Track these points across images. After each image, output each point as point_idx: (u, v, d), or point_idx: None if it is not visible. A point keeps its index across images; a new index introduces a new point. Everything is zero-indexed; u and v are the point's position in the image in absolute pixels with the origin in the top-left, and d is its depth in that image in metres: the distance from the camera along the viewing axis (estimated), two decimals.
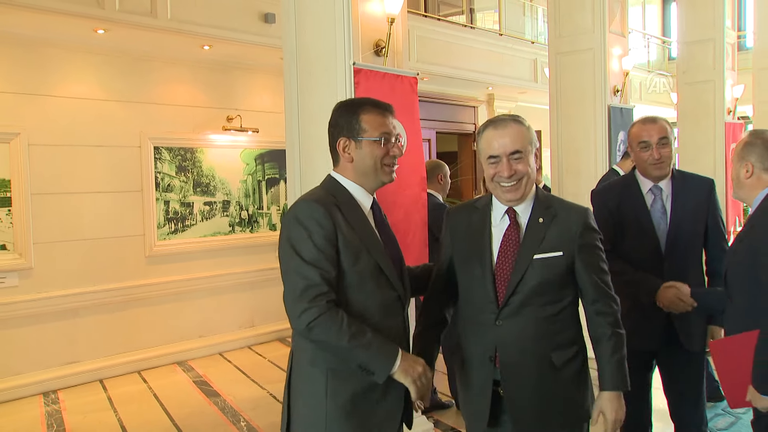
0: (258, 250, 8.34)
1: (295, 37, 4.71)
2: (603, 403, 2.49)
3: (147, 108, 7.37)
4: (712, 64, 9.42)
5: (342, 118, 2.45)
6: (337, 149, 2.45)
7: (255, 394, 6.35)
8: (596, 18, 7.27)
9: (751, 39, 12.36)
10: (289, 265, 2.29)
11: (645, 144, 3.45)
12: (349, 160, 2.43)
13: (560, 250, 2.49)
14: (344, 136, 2.43)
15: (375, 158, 2.43)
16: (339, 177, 2.46)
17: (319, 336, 2.22)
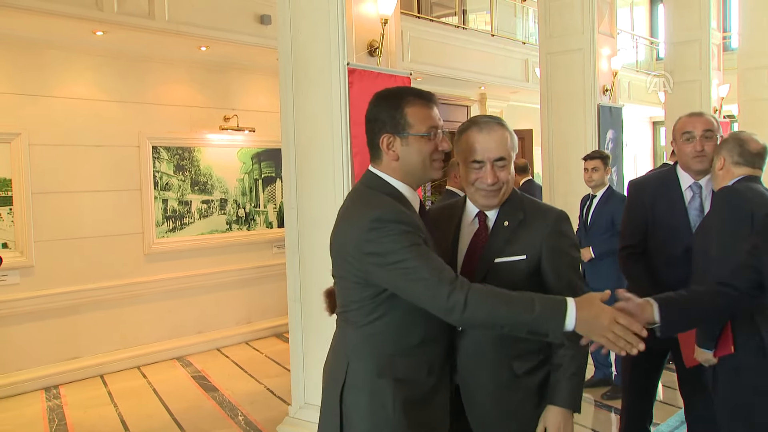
0: (255, 248, 8.34)
1: (290, 38, 4.72)
2: (550, 418, 2.28)
3: (145, 108, 7.37)
4: (698, 64, 9.47)
5: (384, 112, 2.17)
6: (380, 146, 2.17)
7: (252, 388, 6.35)
8: (585, 19, 7.29)
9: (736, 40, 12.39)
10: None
11: (689, 135, 3.29)
12: (395, 158, 2.16)
13: (524, 253, 2.32)
14: (388, 132, 2.15)
15: (423, 155, 2.17)
16: (383, 175, 2.20)
17: (477, 314, 1.95)
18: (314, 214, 4.65)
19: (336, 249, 2.19)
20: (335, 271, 2.23)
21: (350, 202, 2.24)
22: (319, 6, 4.54)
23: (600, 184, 5.66)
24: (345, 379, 2.15)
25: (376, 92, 2.26)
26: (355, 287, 2.12)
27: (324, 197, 4.57)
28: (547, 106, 7.53)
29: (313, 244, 4.66)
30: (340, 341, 2.24)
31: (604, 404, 5.54)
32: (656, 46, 17.10)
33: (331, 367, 2.26)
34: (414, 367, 2.14)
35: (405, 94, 2.21)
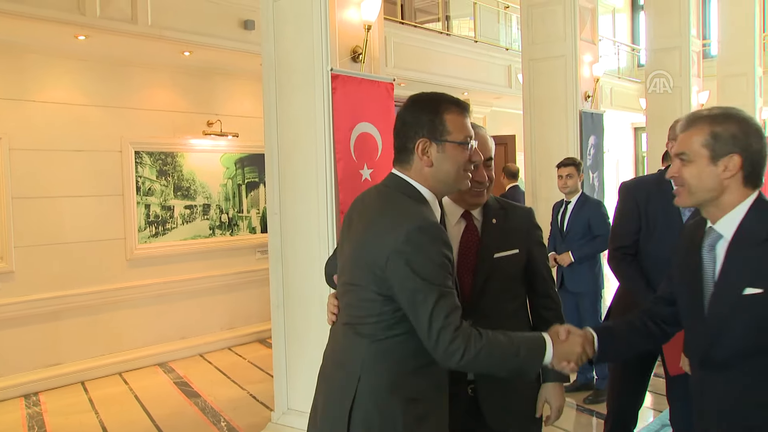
0: (238, 253, 8.31)
1: (273, 44, 4.73)
2: (548, 393, 2.47)
3: (128, 113, 7.31)
4: (678, 71, 9.57)
5: (422, 115, 2.10)
6: (415, 151, 2.09)
7: (235, 394, 6.31)
8: (567, 26, 7.35)
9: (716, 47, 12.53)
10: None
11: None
12: (428, 164, 2.09)
13: (516, 247, 2.50)
14: (425, 137, 2.08)
15: (458, 164, 2.11)
16: (411, 180, 2.12)
17: (472, 363, 1.97)
18: (298, 220, 4.64)
19: (361, 257, 2.06)
20: (352, 278, 2.10)
21: (378, 207, 2.13)
22: (303, 12, 4.54)
23: (574, 190, 5.74)
24: (355, 395, 2.04)
25: (411, 96, 2.18)
26: (376, 299, 2.02)
27: (307, 203, 4.57)
28: (530, 111, 7.58)
29: (296, 249, 4.65)
30: (349, 354, 2.10)
31: (585, 408, 5.55)
32: (637, 53, 17.23)
33: (337, 381, 2.13)
34: (425, 386, 2.09)
35: (443, 100, 2.15)
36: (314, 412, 2.25)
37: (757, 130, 1.98)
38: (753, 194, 2.00)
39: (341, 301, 2.20)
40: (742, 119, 1.99)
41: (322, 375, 2.26)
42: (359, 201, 2.25)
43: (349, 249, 2.14)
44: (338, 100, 4.42)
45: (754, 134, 1.97)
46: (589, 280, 5.73)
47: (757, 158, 1.98)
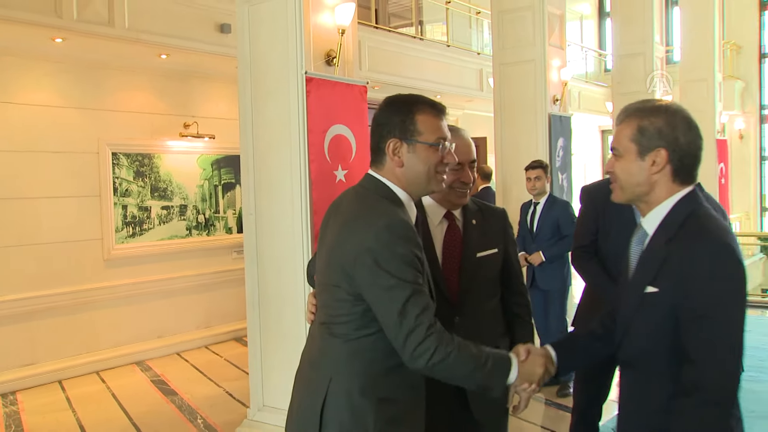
0: (214, 253, 8.26)
1: (249, 47, 4.71)
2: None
3: (105, 115, 7.25)
4: (643, 76, 9.68)
5: (394, 116, 2.09)
6: (386, 151, 2.08)
7: (212, 392, 6.27)
8: (537, 31, 7.39)
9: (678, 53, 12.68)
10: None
11: None
12: (399, 165, 2.08)
13: (495, 247, 2.56)
14: (396, 137, 2.07)
15: (429, 165, 2.09)
16: (384, 180, 2.10)
17: (439, 367, 1.92)
18: (273, 220, 4.63)
19: (334, 256, 2.03)
20: (327, 278, 2.07)
21: (352, 206, 2.10)
22: (278, 16, 4.54)
23: (542, 191, 5.81)
24: (326, 395, 2.02)
25: (387, 96, 2.16)
26: (347, 299, 1.99)
27: (282, 203, 4.56)
28: (501, 114, 7.62)
29: (271, 249, 4.64)
30: (322, 354, 2.09)
31: (554, 402, 5.59)
32: (604, 58, 17.37)
33: (309, 380, 2.13)
34: (397, 386, 2.05)
35: (417, 101, 2.13)
36: (290, 412, 2.22)
37: (686, 124, 1.91)
38: (682, 191, 1.93)
39: (318, 301, 2.18)
40: (670, 112, 1.92)
41: (298, 374, 2.24)
42: (337, 202, 2.22)
43: (325, 249, 2.12)
44: (312, 102, 4.41)
45: (682, 128, 1.90)
46: (559, 278, 5.82)
47: (686, 153, 1.91)
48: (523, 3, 7.48)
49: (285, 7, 4.48)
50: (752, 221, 15.98)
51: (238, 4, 4.77)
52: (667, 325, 1.85)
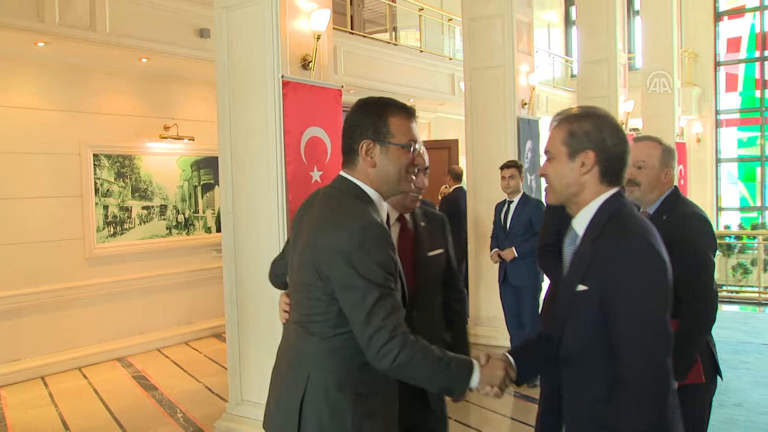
0: (194, 252, 8.22)
1: (227, 51, 4.69)
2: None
3: (87, 117, 7.18)
4: (607, 82, 9.80)
5: (367, 118, 2.08)
6: (359, 152, 2.07)
7: (191, 387, 6.23)
8: (506, 38, 7.43)
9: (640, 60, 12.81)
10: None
11: None
12: (372, 165, 2.07)
13: (441, 247, 2.68)
14: (369, 139, 2.06)
15: (400, 166, 2.09)
16: (356, 181, 2.09)
17: (403, 369, 1.92)
18: (250, 220, 4.60)
19: (308, 257, 2.00)
20: (302, 278, 2.05)
21: (324, 207, 2.08)
22: (255, 21, 4.52)
23: (516, 190, 5.85)
24: (305, 391, 2.01)
25: (360, 99, 2.15)
26: (322, 298, 1.97)
27: (259, 203, 4.53)
28: (471, 117, 7.65)
29: (248, 248, 4.61)
30: (299, 352, 2.07)
31: (521, 394, 5.63)
32: (570, 65, 17.50)
33: (287, 377, 2.10)
34: (372, 381, 2.03)
35: (389, 104, 2.12)
36: (267, 408, 2.21)
37: (612, 128, 1.95)
38: (609, 191, 1.95)
39: (292, 300, 2.16)
40: (597, 117, 1.96)
41: (275, 372, 2.22)
42: (309, 202, 2.21)
43: (298, 249, 2.10)
44: (289, 105, 4.40)
45: (609, 131, 1.93)
46: (530, 274, 5.84)
47: (613, 154, 1.94)
48: (492, 11, 7.51)
49: (262, 12, 4.46)
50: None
51: (217, 9, 4.74)
52: (597, 322, 1.87)
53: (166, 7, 6.75)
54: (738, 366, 6.24)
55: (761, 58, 16.28)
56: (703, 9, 16.50)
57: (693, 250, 2.68)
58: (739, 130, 16.75)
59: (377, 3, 11.13)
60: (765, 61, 16.24)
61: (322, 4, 4.78)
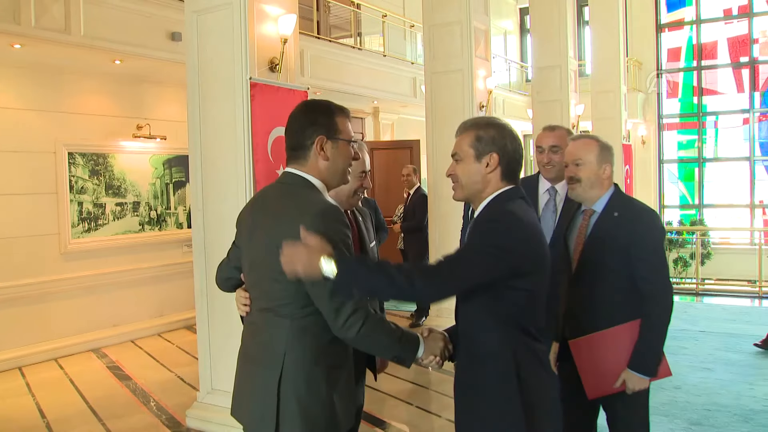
0: (166, 247, 8.12)
1: (197, 54, 4.63)
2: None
3: (62, 117, 7.06)
4: (559, 87, 9.86)
5: (321, 117, 2.17)
6: (314, 147, 2.14)
7: (164, 377, 6.14)
8: (464, 44, 7.45)
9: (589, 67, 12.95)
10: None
11: (539, 149, 3.44)
12: (325, 158, 2.15)
13: (374, 240, 3.01)
14: (322, 135, 2.14)
15: (347, 158, 2.21)
16: (306, 175, 2.16)
17: (364, 339, 2.03)
18: (219, 216, 4.54)
19: (275, 246, 1.98)
20: (268, 267, 2.07)
21: (283, 200, 2.13)
22: (224, 25, 4.47)
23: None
24: (282, 371, 2.05)
25: (304, 101, 2.27)
26: (292, 283, 1.99)
27: (227, 200, 4.48)
28: (432, 119, 7.66)
29: (218, 243, 4.53)
30: (272, 335, 2.09)
31: None
32: (525, 70, 17.61)
33: (261, 363, 2.11)
34: (340, 354, 2.12)
35: (333, 106, 2.23)
36: (238, 398, 2.21)
37: (511, 134, 2.16)
38: (506, 187, 2.15)
39: (255, 291, 2.19)
40: (500, 125, 2.17)
41: (242, 363, 2.22)
42: (259, 200, 2.26)
43: (258, 243, 2.13)
44: (256, 106, 4.34)
45: (509, 137, 2.15)
46: None
47: (512, 157, 2.15)
48: (452, 18, 7.52)
49: (231, 16, 4.41)
50: None
51: (187, 13, 4.67)
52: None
53: (138, 11, 6.63)
54: (677, 352, 6.34)
55: (698, 68, 16.57)
56: (646, 21, 16.76)
57: (652, 248, 2.67)
58: (679, 134, 17.03)
59: (342, 9, 11.06)
60: (701, 70, 16.53)
61: (289, 9, 4.73)
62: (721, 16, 16.35)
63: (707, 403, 4.93)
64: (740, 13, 16.08)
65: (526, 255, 2.00)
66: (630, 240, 2.65)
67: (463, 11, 7.44)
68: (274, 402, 2.04)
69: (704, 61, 16.50)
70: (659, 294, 2.65)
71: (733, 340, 6.66)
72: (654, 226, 2.72)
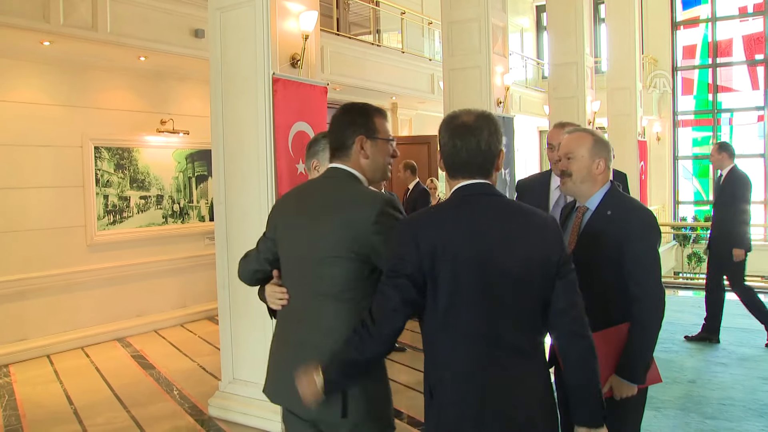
0: (188, 239, 8.15)
1: (220, 50, 4.62)
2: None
3: (88, 112, 7.09)
4: (575, 83, 9.76)
5: (360, 118, 2.24)
6: (354, 146, 2.22)
7: (186, 366, 6.16)
8: (482, 41, 7.38)
9: (605, 64, 12.83)
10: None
11: (550, 146, 3.41)
12: (365, 157, 2.23)
13: None
14: (362, 135, 2.22)
15: (385, 156, 2.27)
16: (350, 169, 2.24)
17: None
18: (241, 209, 4.54)
19: (338, 234, 2.09)
20: (328, 254, 2.11)
21: (336, 192, 2.19)
22: (247, 22, 4.45)
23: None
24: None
25: (345, 105, 2.29)
26: (358, 268, 2.10)
27: (249, 194, 4.47)
28: None
29: (239, 236, 4.54)
30: (334, 321, 2.11)
31: None
32: (542, 67, 17.50)
33: (324, 345, 2.08)
34: None
35: (371, 108, 2.29)
36: (287, 378, 2.12)
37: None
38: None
39: (305, 279, 2.19)
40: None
41: (294, 346, 2.20)
42: (305, 192, 2.30)
43: (318, 230, 2.15)
44: (278, 101, 4.33)
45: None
46: None
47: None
48: (470, 15, 7.45)
49: (253, 13, 4.39)
50: (667, 212, 16.28)
51: (211, 11, 4.66)
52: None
53: (163, 9, 6.65)
54: (691, 346, 6.27)
55: (713, 65, 16.37)
56: (662, 18, 16.57)
57: (644, 249, 2.49)
58: (694, 130, 16.84)
59: (362, 6, 11.02)
60: (717, 68, 16.33)
61: (310, 6, 4.70)
62: (737, 13, 16.14)
63: (722, 398, 4.87)
64: (755, 10, 15.88)
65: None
66: (622, 239, 2.48)
67: (481, 8, 7.37)
68: (341, 392, 2.06)
69: (719, 58, 16.29)
70: (649, 298, 2.47)
71: (747, 335, 6.57)
72: (648, 226, 2.54)
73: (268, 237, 2.36)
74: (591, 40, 10.93)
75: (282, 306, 2.27)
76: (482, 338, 1.85)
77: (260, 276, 2.40)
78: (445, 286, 1.85)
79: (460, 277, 1.84)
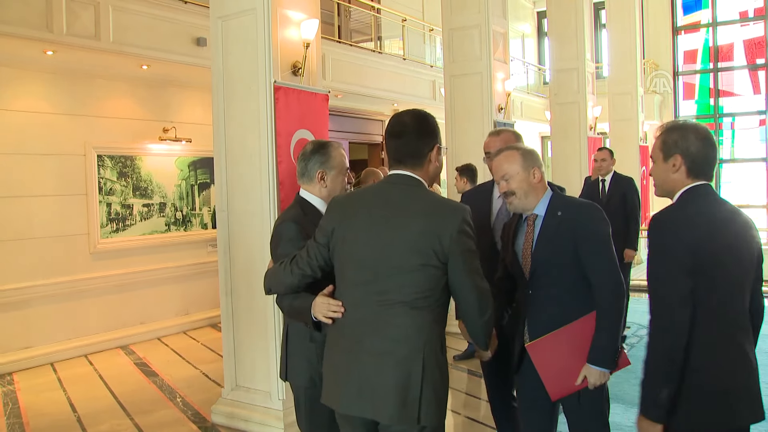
0: (191, 247, 8.15)
1: (222, 59, 4.63)
2: None
3: (91, 120, 7.11)
4: (576, 89, 9.79)
5: (436, 128, 2.34)
6: (430, 154, 2.30)
7: (189, 373, 6.16)
8: (483, 47, 7.40)
9: (606, 69, 12.85)
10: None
11: (487, 153, 3.35)
12: (436, 163, 2.34)
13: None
14: (438, 144, 2.33)
15: (441, 162, 2.40)
16: (416, 176, 2.29)
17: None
18: (243, 216, 4.54)
19: (419, 241, 2.14)
20: (406, 262, 2.15)
21: (418, 199, 2.24)
22: (248, 30, 4.46)
23: (464, 190, 5.96)
24: (424, 360, 2.14)
25: (417, 117, 2.33)
26: (435, 274, 2.15)
27: (251, 202, 4.48)
28: (451, 121, 7.62)
29: (242, 243, 4.55)
30: (407, 329, 2.14)
31: (475, 372, 5.65)
32: (543, 72, 17.50)
33: (397, 352, 2.14)
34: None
35: (433, 118, 2.39)
36: (363, 388, 2.17)
37: (695, 136, 2.23)
38: (694, 182, 2.25)
39: (374, 287, 2.19)
40: (682, 129, 2.26)
41: (363, 353, 2.19)
42: (368, 199, 2.31)
43: (392, 236, 2.18)
44: (280, 108, 4.34)
45: (692, 139, 2.22)
46: None
47: (695, 156, 2.23)
48: (470, 22, 7.48)
49: (255, 22, 4.41)
50: None
51: (212, 19, 4.68)
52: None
53: (165, 18, 6.69)
54: None
55: (714, 70, 16.37)
56: (662, 23, 16.57)
57: (599, 240, 2.63)
58: None
59: (363, 14, 11.06)
60: (718, 72, 16.33)
61: (311, 14, 4.72)
62: (737, 18, 16.13)
63: None
64: (756, 15, 15.87)
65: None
66: (576, 235, 2.62)
67: (481, 15, 7.39)
68: (417, 390, 2.11)
69: (720, 63, 16.29)
70: (607, 285, 2.59)
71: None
72: (598, 219, 2.66)
73: (320, 243, 2.34)
74: (592, 46, 10.97)
75: (334, 319, 2.28)
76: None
77: (308, 282, 2.42)
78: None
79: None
